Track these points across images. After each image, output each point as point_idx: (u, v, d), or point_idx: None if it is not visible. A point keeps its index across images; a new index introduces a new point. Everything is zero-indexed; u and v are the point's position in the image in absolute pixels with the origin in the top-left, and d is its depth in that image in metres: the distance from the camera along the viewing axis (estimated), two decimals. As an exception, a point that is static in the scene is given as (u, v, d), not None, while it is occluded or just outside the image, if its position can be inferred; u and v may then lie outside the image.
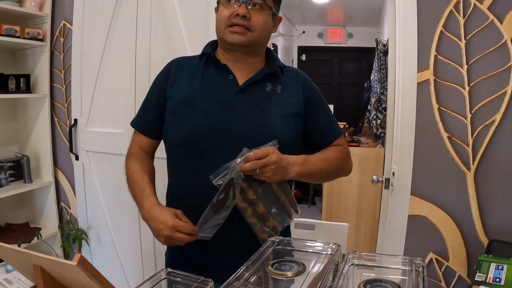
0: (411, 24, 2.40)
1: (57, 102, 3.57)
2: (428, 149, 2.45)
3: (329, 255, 1.18)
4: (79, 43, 3.27)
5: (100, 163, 3.28)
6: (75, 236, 3.37)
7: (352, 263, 1.13)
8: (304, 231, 2.32)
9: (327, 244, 1.24)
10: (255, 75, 1.68)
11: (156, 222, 1.53)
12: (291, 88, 1.73)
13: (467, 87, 2.34)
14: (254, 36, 1.63)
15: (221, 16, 1.63)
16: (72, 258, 0.93)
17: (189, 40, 2.75)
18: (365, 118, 5.79)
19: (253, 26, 1.62)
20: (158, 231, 1.51)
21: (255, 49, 1.71)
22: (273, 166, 1.49)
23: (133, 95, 2.94)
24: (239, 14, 1.58)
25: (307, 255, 1.23)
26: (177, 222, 1.50)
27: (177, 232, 1.49)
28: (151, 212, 1.56)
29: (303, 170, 1.61)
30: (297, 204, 1.65)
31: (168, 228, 1.49)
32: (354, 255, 1.15)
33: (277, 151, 1.51)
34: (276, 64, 1.74)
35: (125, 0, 2.96)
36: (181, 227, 1.49)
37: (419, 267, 1.04)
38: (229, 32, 1.62)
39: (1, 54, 3.54)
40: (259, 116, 1.61)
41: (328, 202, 4.98)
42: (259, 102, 1.65)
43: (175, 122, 1.66)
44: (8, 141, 3.66)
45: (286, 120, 1.66)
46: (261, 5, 1.62)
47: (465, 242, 2.43)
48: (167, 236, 1.49)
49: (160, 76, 1.78)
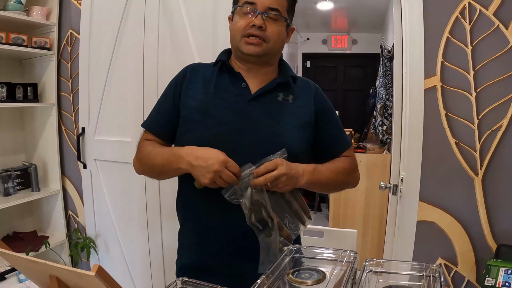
0: (417, 31, 2.41)
1: (64, 110, 3.58)
2: (436, 155, 2.45)
3: (346, 263, 1.19)
4: (86, 52, 3.27)
5: (108, 172, 3.28)
6: (83, 245, 3.37)
7: (370, 270, 1.14)
8: (313, 238, 2.32)
9: (344, 252, 1.25)
10: (268, 84, 1.69)
11: (205, 158, 1.49)
12: (303, 98, 1.74)
13: (474, 93, 2.35)
14: (269, 47, 1.65)
15: (237, 26, 1.65)
16: (81, 267, 0.93)
17: (197, 48, 2.76)
18: (370, 124, 5.79)
19: (269, 37, 1.63)
20: (207, 167, 1.47)
21: (269, 59, 1.72)
22: (284, 178, 1.50)
23: (141, 103, 2.95)
24: (256, 25, 1.60)
25: (325, 263, 1.24)
26: (228, 158, 1.48)
27: (226, 169, 1.47)
28: (197, 151, 1.53)
29: (312, 179, 1.62)
30: (309, 210, 1.66)
31: (219, 162, 1.46)
32: (372, 262, 1.16)
33: (286, 162, 1.52)
34: (289, 74, 1.75)
35: (132, 9, 2.97)
36: (230, 164, 1.47)
37: (436, 273, 1.05)
38: (245, 43, 1.64)
39: (9, 63, 3.57)
40: (271, 125, 1.62)
41: (335, 208, 4.98)
42: (271, 111, 1.66)
43: (189, 128, 1.66)
44: (16, 150, 3.68)
45: (297, 129, 1.67)
46: (277, 16, 1.63)
47: (473, 247, 2.43)
48: (217, 170, 1.45)
49: (175, 80, 1.78)
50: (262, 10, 1.60)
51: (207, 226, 1.66)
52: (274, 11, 1.62)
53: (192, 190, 1.65)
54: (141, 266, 3.15)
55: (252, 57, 1.66)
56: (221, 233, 1.64)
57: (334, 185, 1.81)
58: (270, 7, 1.61)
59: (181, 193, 1.78)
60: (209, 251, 1.66)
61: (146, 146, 1.73)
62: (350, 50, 8.06)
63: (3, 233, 3.53)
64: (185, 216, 1.77)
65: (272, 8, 1.61)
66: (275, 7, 1.62)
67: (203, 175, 1.49)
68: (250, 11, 1.62)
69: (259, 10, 1.60)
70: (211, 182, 1.48)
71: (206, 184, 1.50)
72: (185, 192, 1.75)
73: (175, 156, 1.58)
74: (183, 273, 1.70)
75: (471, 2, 2.31)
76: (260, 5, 1.60)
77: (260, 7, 1.60)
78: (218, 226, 1.64)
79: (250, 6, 1.62)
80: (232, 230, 1.62)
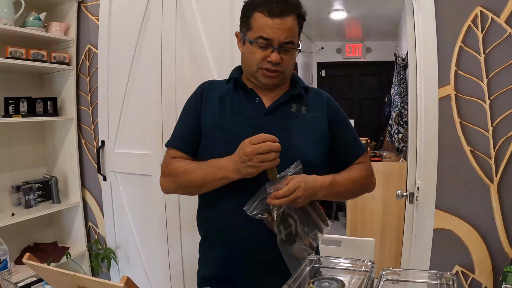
0: (431, 40, 2.43)
1: (84, 124, 3.64)
2: (451, 163, 2.46)
3: (364, 272, 1.22)
4: (105, 66, 3.32)
5: (128, 184, 3.31)
6: (103, 255, 3.40)
7: (387, 278, 1.16)
8: (330, 247, 2.34)
9: (362, 261, 1.28)
10: (281, 97, 1.73)
11: (237, 154, 1.55)
12: (316, 108, 1.77)
13: (488, 101, 2.36)
14: (285, 75, 1.71)
15: (253, 57, 1.67)
16: (101, 278, 0.95)
17: (214, 62, 2.79)
18: (386, 132, 5.78)
19: (284, 67, 1.67)
20: (243, 156, 1.52)
21: (284, 83, 1.78)
22: (301, 199, 1.54)
23: (160, 116, 2.97)
24: (273, 62, 1.63)
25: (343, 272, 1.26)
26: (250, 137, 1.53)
27: (254, 145, 1.50)
28: (233, 156, 1.58)
29: (329, 192, 1.65)
30: (326, 218, 1.69)
31: (246, 145, 1.52)
32: (388, 271, 1.19)
33: (304, 181, 1.55)
34: (300, 86, 1.78)
35: (149, 24, 3.01)
36: (253, 139, 1.51)
37: (450, 281, 1.07)
38: (263, 75, 1.68)
39: (29, 78, 3.64)
40: (287, 138, 1.65)
41: (352, 217, 4.97)
42: (286, 124, 1.70)
43: (209, 144, 1.71)
44: (37, 163, 3.74)
45: (313, 141, 1.70)
46: (292, 47, 1.67)
47: (490, 254, 2.43)
48: (250, 152, 1.49)
49: (194, 97, 1.82)
50: (277, 45, 1.62)
51: (228, 239, 1.69)
52: (289, 44, 1.65)
53: (212, 204, 1.69)
54: (161, 276, 3.17)
55: (270, 85, 1.71)
56: (243, 245, 1.66)
57: (351, 195, 1.85)
58: (285, 42, 1.63)
59: (202, 207, 1.81)
60: (230, 263, 1.69)
61: (177, 163, 1.74)
62: (365, 58, 8.07)
63: (24, 244, 3.58)
64: (206, 230, 1.79)
65: (287, 42, 1.64)
66: (290, 40, 1.64)
67: (248, 167, 1.52)
68: (267, 45, 1.64)
69: (275, 46, 1.62)
70: (259, 166, 1.51)
71: (256, 171, 1.53)
72: (206, 206, 1.77)
73: (217, 167, 1.61)
74: (205, 284, 1.74)
75: (483, 10, 2.33)
76: (276, 41, 1.62)
77: (276, 43, 1.62)
78: (240, 239, 1.66)
79: (265, 42, 1.63)
80: (254, 242, 1.65)
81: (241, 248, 1.67)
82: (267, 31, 1.61)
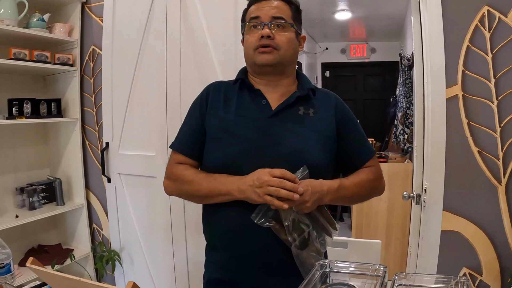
0: (437, 40, 2.41)
1: (88, 125, 3.63)
2: (458, 164, 2.44)
3: (376, 277, 1.20)
4: (109, 67, 3.32)
5: (132, 186, 3.30)
6: (108, 258, 3.40)
7: (400, 283, 1.15)
8: (337, 249, 2.32)
9: (374, 266, 1.26)
10: (287, 99, 1.71)
11: (251, 177, 1.54)
12: (323, 110, 1.75)
13: (496, 101, 2.34)
14: (281, 54, 1.69)
15: (248, 42, 1.72)
16: (106, 280, 0.95)
17: (219, 63, 2.78)
18: (391, 133, 5.76)
19: (279, 45, 1.68)
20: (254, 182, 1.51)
21: (284, 68, 1.75)
22: (309, 204, 1.53)
23: (164, 118, 2.97)
24: (264, 35, 1.65)
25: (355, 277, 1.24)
26: (271, 169, 1.52)
27: (271, 178, 1.49)
28: (244, 177, 1.56)
29: (336, 196, 1.64)
30: (335, 221, 1.67)
31: (264, 174, 1.51)
32: (401, 275, 1.17)
33: (310, 186, 1.54)
34: (308, 87, 1.76)
35: (154, 24, 3.01)
36: (274, 172, 1.50)
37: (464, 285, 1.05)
38: (258, 54, 1.68)
39: (33, 79, 3.63)
40: (293, 141, 1.64)
41: (357, 219, 4.95)
42: (292, 127, 1.68)
43: (213, 147, 1.69)
44: (41, 164, 3.74)
45: (320, 144, 1.68)
46: (282, 24, 1.69)
47: (498, 256, 2.41)
48: (264, 181, 1.48)
49: (199, 100, 1.81)
50: (267, 21, 1.68)
51: (234, 243, 1.67)
52: (278, 19, 1.69)
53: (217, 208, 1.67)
54: (166, 279, 3.16)
55: (267, 66, 1.70)
56: (248, 249, 1.65)
57: (359, 199, 1.83)
58: (274, 16, 1.68)
59: (207, 211, 1.79)
60: (236, 266, 1.67)
61: (185, 171, 1.73)
62: (369, 59, 8.06)
63: (28, 246, 3.57)
64: (211, 233, 1.78)
65: (276, 17, 1.69)
66: (279, 15, 1.69)
67: (254, 193, 1.51)
68: (256, 24, 1.69)
69: (264, 21, 1.68)
70: (263, 196, 1.49)
71: (258, 200, 1.51)
72: (210, 209, 1.75)
73: (225, 182, 1.60)
74: (210, 287, 1.73)
75: (490, 9, 2.31)
76: (264, 16, 1.69)
77: (264, 18, 1.68)
78: (246, 242, 1.64)
79: (255, 20, 1.70)
80: (259, 246, 1.63)
81: (246, 251, 1.65)
82: (255, 12, 1.72)
